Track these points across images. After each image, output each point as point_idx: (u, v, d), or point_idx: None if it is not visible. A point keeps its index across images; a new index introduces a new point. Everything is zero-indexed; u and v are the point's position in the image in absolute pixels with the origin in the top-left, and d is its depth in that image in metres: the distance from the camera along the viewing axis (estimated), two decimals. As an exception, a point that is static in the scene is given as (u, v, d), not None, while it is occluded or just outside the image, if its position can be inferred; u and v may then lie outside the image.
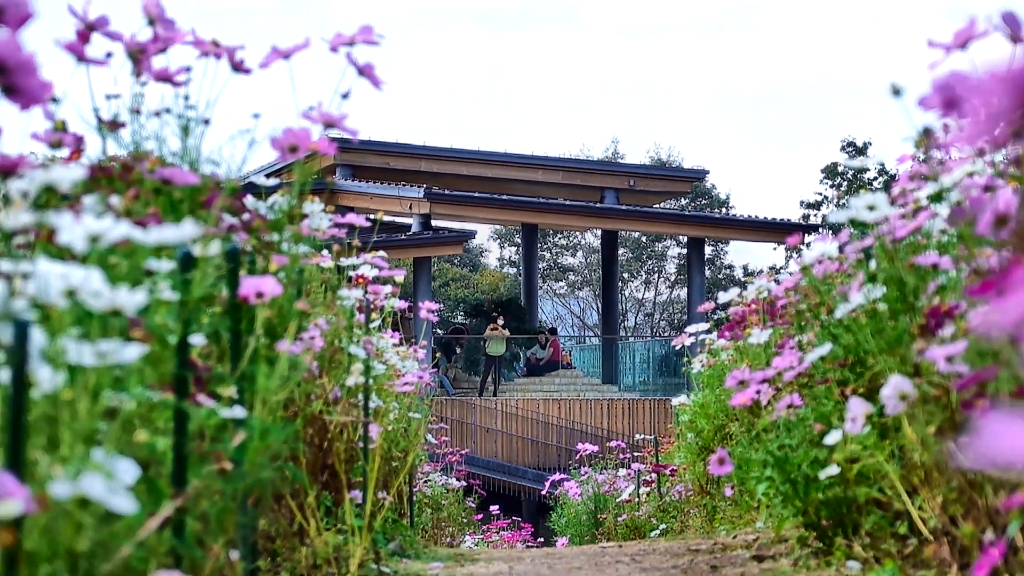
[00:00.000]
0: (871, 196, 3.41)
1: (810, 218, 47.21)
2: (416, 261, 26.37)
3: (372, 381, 4.45)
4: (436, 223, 27.30)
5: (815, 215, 47.61)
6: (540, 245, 45.05)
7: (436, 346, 25.51)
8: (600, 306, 37.99)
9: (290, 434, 2.74)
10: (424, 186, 26.29)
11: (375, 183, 27.02)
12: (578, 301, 52.73)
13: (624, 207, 28.88)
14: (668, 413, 23.72)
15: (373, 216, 4.76)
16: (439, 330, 27.80)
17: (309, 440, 4.19)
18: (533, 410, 25.62)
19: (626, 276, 50.31)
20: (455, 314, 38.80)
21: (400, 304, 5.38)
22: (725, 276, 50.27)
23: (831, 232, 5.90)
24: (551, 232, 48.57)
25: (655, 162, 50.30)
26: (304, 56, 3.17)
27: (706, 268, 35.55)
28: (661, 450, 10.40)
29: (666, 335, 41.64)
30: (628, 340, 33.26)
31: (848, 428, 3.21)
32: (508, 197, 28.17)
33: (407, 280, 22.15)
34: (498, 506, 16.04)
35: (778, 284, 5.19)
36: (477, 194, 27.36)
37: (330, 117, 3.04)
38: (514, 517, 17.49)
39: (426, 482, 10.86)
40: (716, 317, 7.20)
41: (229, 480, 2.43)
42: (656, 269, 51.89)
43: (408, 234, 26.73)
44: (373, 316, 5.16)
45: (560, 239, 51.32)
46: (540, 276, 44.05)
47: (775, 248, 35.28)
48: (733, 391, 4.32)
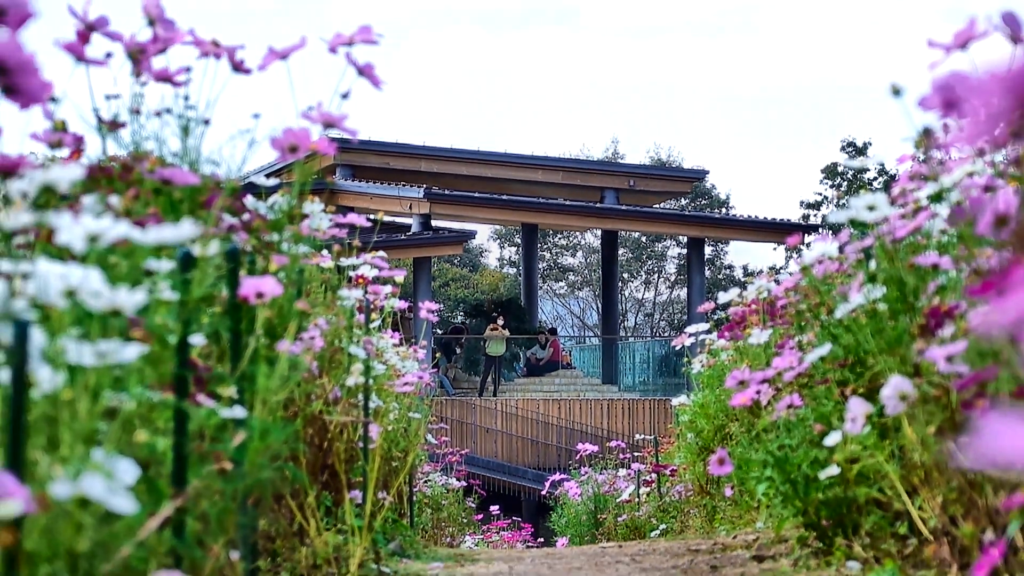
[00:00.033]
0: (871, 196, 3.41)
1: (810, 218, 47.22)
2: (416, 261, 26.37)
3: (372, 381, 4.45)
4: (436, 223, 27.29)
5: (815, 215, 47.61)
6: (540, 245, 45.04)
7: (436, 346, 25.51)
8: (600, 306, 37.99)
9: (290, 434, 2.74)
10: (424, 186, 26.28)
11: (375, 183, 27.01)
12: (578, 301, 52.73)
13: (624, 207, 28.88)
14: (668, 413, 23.72)
15: (373, 216, 4.76)
16: (438, 330, 27.79)
17: (309, 440, 4.18)
18: (533, 410, 25.62)
19: (626, 276, 50.31)
20: (455, 314, 38.79)
21: (400, 304, 5.38)
22: (725, 276, 50.27)
23: (831, 232, 5.90)
24: (551, 232, 48.58)
25: (655, 162, 50.29)
26: (304, 57, 3.17)
27: (706, 268, 35.56)
28: (661, 450, 10.40)
29: (666, 335, 41.63)
30: (628, 340, 33.26)
31: (848, 428, 3.21)
32: (508, 197, 28.17)
33: (407, 280, 22.15)
34: (498, 506, 16.04)
35: (778, 284, 5.19)
36: (477, 194, 27.36)
37: (330, 117, 3.04)
38: (514, 517, 17.49)
39: (426, 482, 10.86)
40: (716, 317, 7.20)
41: (229, 480, 2.43)
42: (656, 269, 51.89)
43: (408, 234, 26.73)
44: (373, 316, 5.16)
45: (560, 239, 51.32)
46: (540, 276, 44.04)
47: (775, 248, 35.29)
48: (733, 391, 4.32)
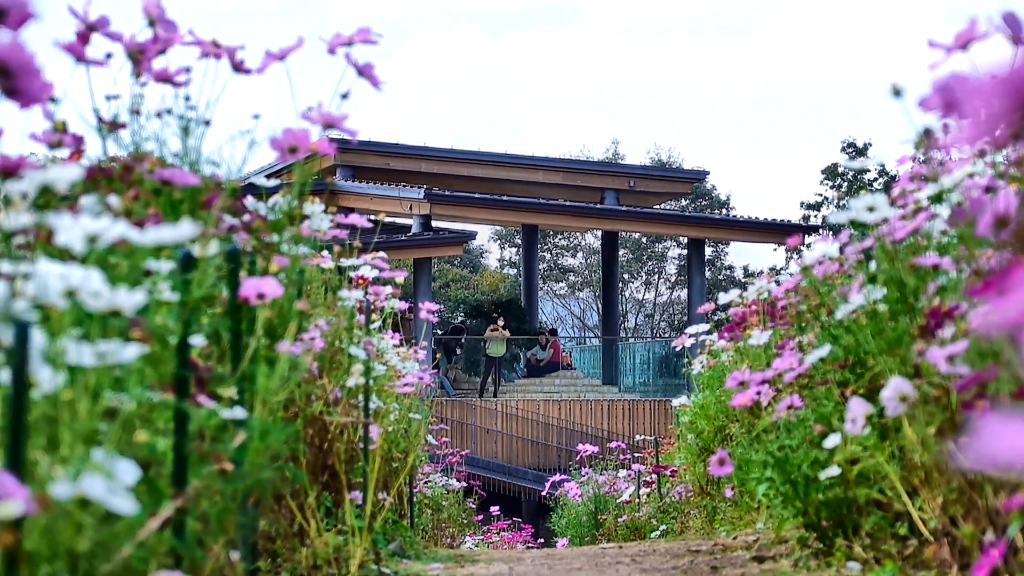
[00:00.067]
0: (871, 197, 3.41)
1: (810, 219, 47.21)
2: (416, 262, 26.37)
3: (372, 382, 4.45)
4: (436, 224, 27.29)
5: (815, 216, 47.61)
6: (540, 246, 45.05)
7: (436, 347, 25.51)
8: (600, 307, 37.98)
9: (290, 435, 2.74)
10: (424, 187, 26.28)
11: (375, 184, 27.01)
12: (578, 302, 52.72)
13: (624, 208, 28.88)
14: (668, 414, 23.73)
15: (374, 217, 4.76)
16: (439, 330, 27.79)
17: (309, 441, 4.18)
18: (533, 411, 25.62)
19: (626, 277, 50.31)
20: (455, 315, 38.78)
21: (400, 305, 5.38)
22: (725, 277, 50.27)
23: (831, 233, 5.90)
24: (551, 233, 48.57)
25: (655, 163, 50.30)
26: (305, 57, 3.17)
27: (706, 269, 35.56)
28: (661, 451, 10.40)
29: (666, 336, 41.64)
30: (628, 341, 33.27)
31: (848, 429, 3.21)
32: (508, 198, 28.16)
33: (407, 281, 22.15)
34: (498, 507, 16.04)
35: (778, 285, 5.19)
36: (477, 195, 27.36)
37: (330, 117, 3.04)
38: (514, 518, 17.49)
39: (426, 483, 10.86)
40: (716, 318, 7.20)
41: (229, 480, 2.43)
42: (656, 270, 51.89)
43: (408, 235, 26.73)
44: (373, 317, 5.16)
45: (560, 240, 51.31)
46: (540, 277, 44.06)
47: (775, 249, 35.28)
48: (733, 392, 4.32)
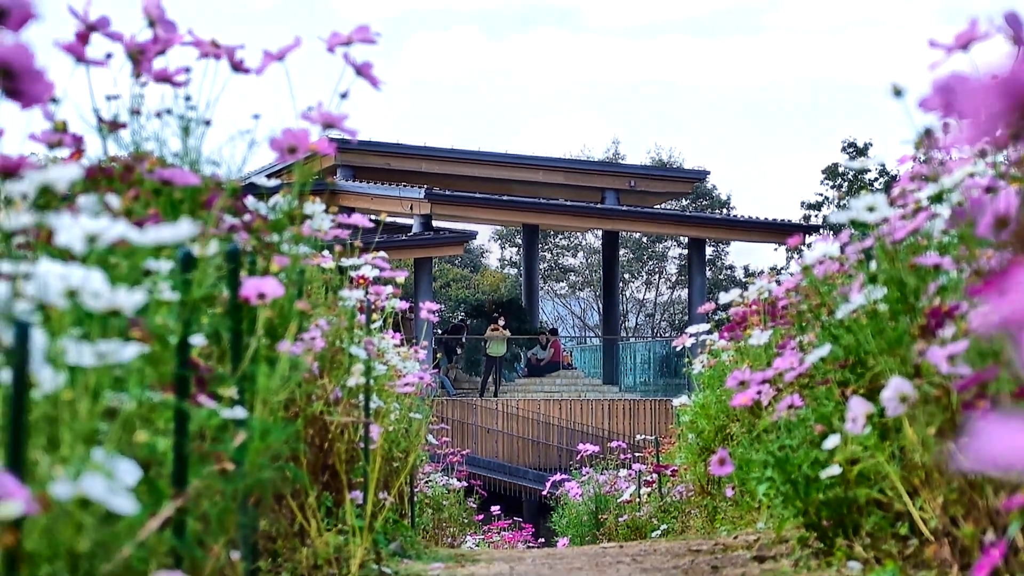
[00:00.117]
0: (871, 197, 3.41)
1: (811, 219, 47.21)
2: (417, 262, 26.37)
3: (373, 382, 4.45)
4: (437, 224, 27.29)
5: (816, 216, 47.61)
6: (541, 246, 45.02)
7: (437, 347, 25.51)
8: (601, 307, 37.98)
9: (291, 434, 2.74)
10: (425, 187, 26.28)
11: (376, 184, 27.02)
12: (579, 302, 52.72)
13: (625, 208, 28.88)
14: (669, 414, 23.72)
15: (375, 217, 4.76)
16: (439, 330, 27.80)
17: (310, 440, 4.18)
18: (534, 411, 25.62)
19: (627, 277, 50.31)
20: (456, 315, 38.79)
21: (401, 305, 5.38)
22: (726, 277, 50.26)
23: (832, 233, 5.90)
24: (552, 233, 48.57)
25: (656, 163, 50.30)
26: (305, 57, 3.17)
27: (707, 269, 35.57)
28: (662, 451, 10.40)
29: (667, 336, 41.65)
30: (629, 341, 33.28)
31: (849, 429, 3.21)
32: (509, 198, 28.17)
33: (408, 281, 22.16)
34: (499, 506, 16.04)
35: (779, 285, 5.19)
36: (478, 195, 27.37)
37: (329, 117, 3.04)
38: (515, 518, 17.49)
39: (427, 482, 10.86)
40: (717, 318, 7.20)
41: (230, 480, 2.43)
42: (657, 270, 51.89)
43: (409, 235, 26.74)
44: (374, 317, 5.16)
45: (561, 240, 51.31)
46: (541, 277, 44.04)
47: (776, 249, 35.30)
48: (734, 392, 4.32)
